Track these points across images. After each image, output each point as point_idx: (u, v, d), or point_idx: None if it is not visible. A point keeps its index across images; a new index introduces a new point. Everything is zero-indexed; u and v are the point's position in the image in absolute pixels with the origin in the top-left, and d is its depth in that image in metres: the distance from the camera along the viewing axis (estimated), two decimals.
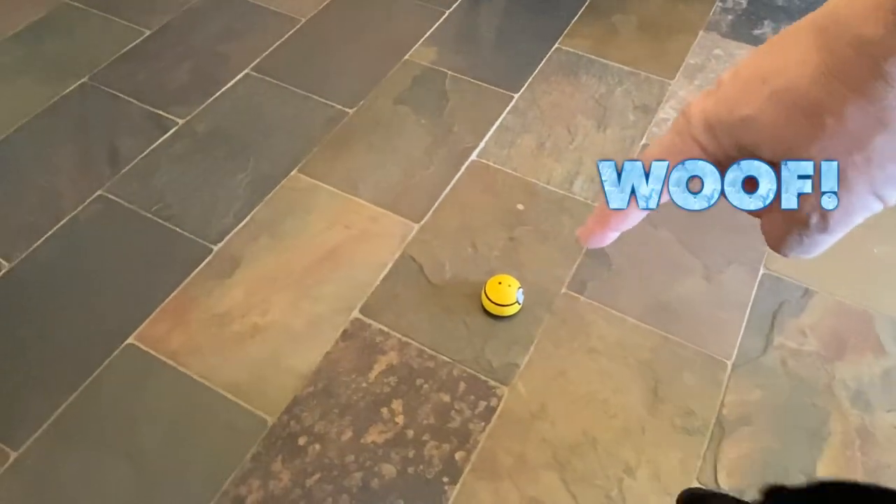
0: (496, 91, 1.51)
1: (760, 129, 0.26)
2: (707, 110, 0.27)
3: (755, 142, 0.26)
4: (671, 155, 0.29)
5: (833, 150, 0.25)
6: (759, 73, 0.26)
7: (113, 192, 1.30)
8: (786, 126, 0.25)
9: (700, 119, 0.28)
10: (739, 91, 0.26)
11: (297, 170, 1.34)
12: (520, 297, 1.13)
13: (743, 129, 0.26)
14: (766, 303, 1.17)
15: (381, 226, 1.26)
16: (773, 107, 0.25)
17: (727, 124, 0.27)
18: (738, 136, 0.27)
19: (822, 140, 0.25)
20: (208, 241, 1.22)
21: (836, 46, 0.23)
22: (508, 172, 1.35)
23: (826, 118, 0.24)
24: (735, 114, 0.26)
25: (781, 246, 0.29)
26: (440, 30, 1.65)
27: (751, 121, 0.26)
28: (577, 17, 1.69)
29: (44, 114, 1.43)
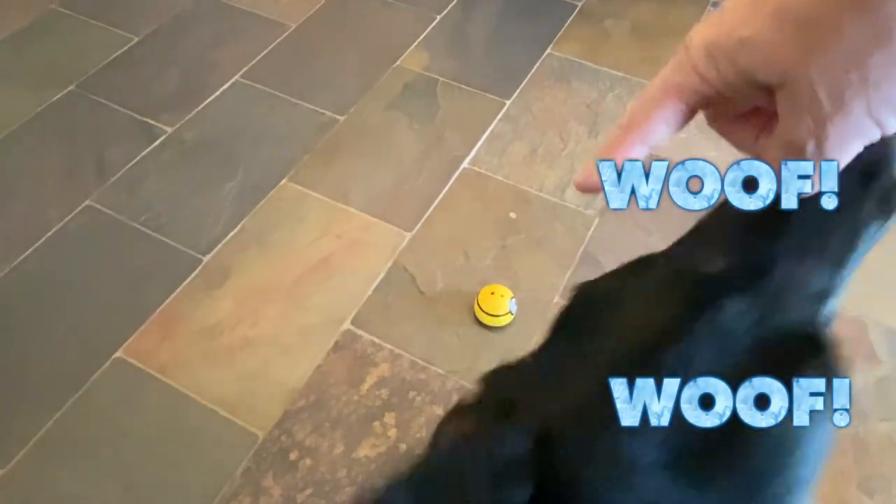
0: (488, 97, 1.50)
1: (759, 49, 0.26)
2: (707, 36, 0.28)
3: (753, 63, 0.26)
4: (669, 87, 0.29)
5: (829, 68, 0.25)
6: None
7: (100, 202, 1.28)
8: (784, 44, 0.25)
9: (700, 46, 0.28)
10: (740, 13, 0.26)
11: (286, 178, 1.33)
12: (513, 308, 1.12)
13: (742, 51, 0.26)
14: None
15: (372, 235, 1.25)
16: (772, 25, 0.25)
17: (726, 48, 0.27)
18: (736, 60, 0.27)
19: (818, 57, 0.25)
20: (197, 252, 1.21)
21: None
22: (500, 180, 1.34)
23: (824, 34, 0.24)
24: (734, 36, 0.26)
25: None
26: (432, 35, 1.64)
27: (749, 41, 0.26)
28: (568, 21, 1.68)
29: (30, 122, 1.41)
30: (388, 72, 1.55)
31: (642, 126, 0.30)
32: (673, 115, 0.30)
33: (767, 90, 0.27)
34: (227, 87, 1.50)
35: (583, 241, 1.25)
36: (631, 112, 0.31)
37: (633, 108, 0.31)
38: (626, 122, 0.31)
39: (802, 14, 0.25)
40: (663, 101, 0.30)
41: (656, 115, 0.30)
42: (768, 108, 0.28)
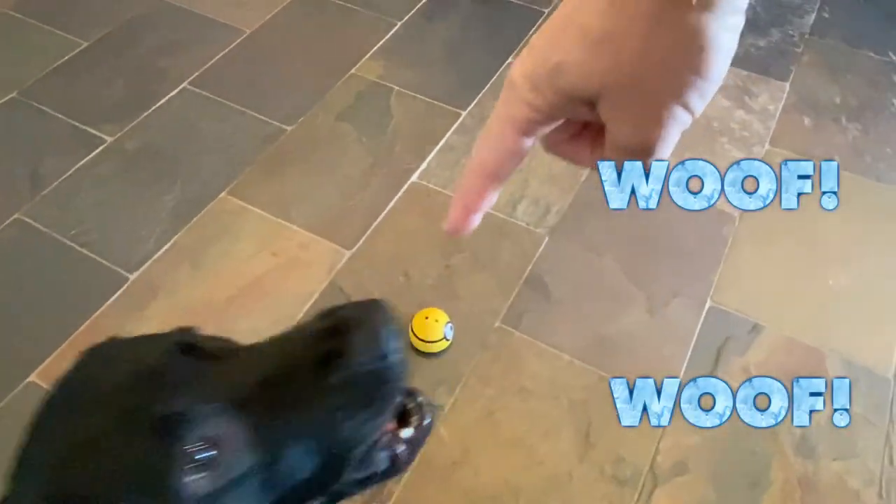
0: (443, 108, 1.45)
1: (572, 70, 0.28)
2: (525, 69, 0.30)
3: (571, 83, 0.29)
4: (505, 124, 0.32)
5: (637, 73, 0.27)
6: (559, 24, 0.29)
7: (31, 215, 1.23)
8: (592, 60, 0.28)
9: (522, 79, 0.30)
10: (547, 43, 0.29)
11: (226, 192, 1.28)
12: (448, 333, 1.06)
13: (558, 75, 0.29)
14: (711, 338, 1.11)
15: (310, 253, 1.20)
16: (578, 47, 0.28)
17: (545, 75, 0.29)
18: (556, 83, 0.29)
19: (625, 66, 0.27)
20: (126, 270, 1.16)
21: None
22: (449, 195, 1.29)
23: (625, 45, 0.27)
24: (549, 63, 0.29)
25: None
26: (390, 43, 1.59)
27: (563, 65, 0.28)
28: (533, 30, 1.63)
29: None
30: (342, 80, 1.49)
31: (492, 166, 0.33)
32: (515, 147, 0.32)
33: (590, 104, 0.29)
34: (174, 95, 1.45)
35: (530, 261, 1.20)
36: (478, 154, 0.33)
37: (478, 149, 0.33)
38: (477, 164, 0.33)
39: (602, 31, 0.27)
40: (505, 136, 0.32)
41: (502, 151, 0.32)
42: (596, 122, 0.30)
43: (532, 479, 0.96)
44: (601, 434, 1.00)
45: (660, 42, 0.27)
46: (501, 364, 1.07)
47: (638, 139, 0.29)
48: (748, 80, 1.52)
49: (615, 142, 0.30)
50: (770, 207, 0.33)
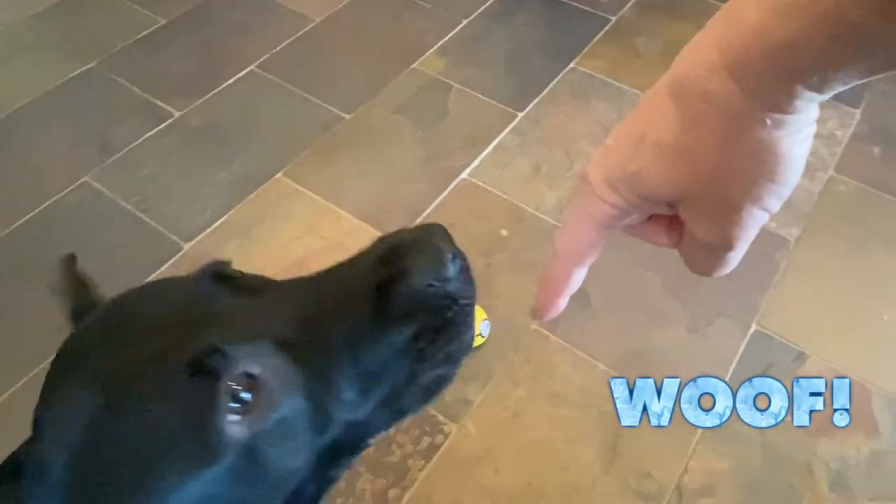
0: (500, 108, 1.45)
1: (650, 179, 0.30)
2: (604, 171, 0.31)
3: (649, 190, 0.30)
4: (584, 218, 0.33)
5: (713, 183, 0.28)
6: (635, 134, 0.30)
7: (98, 179, 1.30)
8: (669, 172, 0.29)
9: (599, 180, 0.31)
10: (623, 152, 0.30)
11: (281, 173, 1.32)
12: (484, 330, 1.07)
13: (636, 182, 0.30)
14: (753, 363, 1.08)
15: (356, 239, 1.22)
16: (655, 159, 0.29)
17: (623, 180, 0.30)
18: (635, 189, 0.30)
19: (701, 177, 0.28)
20: (180, 239, 1.21)
21: (689, 101, 0.28)
22: (497, 195, 1.29)
23: (700, 159, 0.28)
24: (627, 170, 0.30)
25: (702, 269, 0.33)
26: (454, 40, 1.60)
27: (640, 174, 0.30)
28: (598, 36, 1.61)
29: (49, 94, 1.44)
30: (404, 73, 1.51)
31: (574, 254, 0.35)
32: (596, 239, 0.33)
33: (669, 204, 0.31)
34: (242, 76, 1.50)
35: None
36: (560, 245, 0.35)
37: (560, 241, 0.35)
38: (560, 254, 0.35)
39: (677, 147, 0.28)
40: (584, 230, 0.33)
41: (583, 242, 0.34)
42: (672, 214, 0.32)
43: (554, 484, 0.96)
44: (629, 447, 0.99)
45: (734, 157, 0.28)
46: (533, 367, 1.07)
47: (717, 238, 0.30)
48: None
49: (695, 238, 0.31)
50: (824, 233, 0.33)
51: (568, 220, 0.34)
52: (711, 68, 0.27)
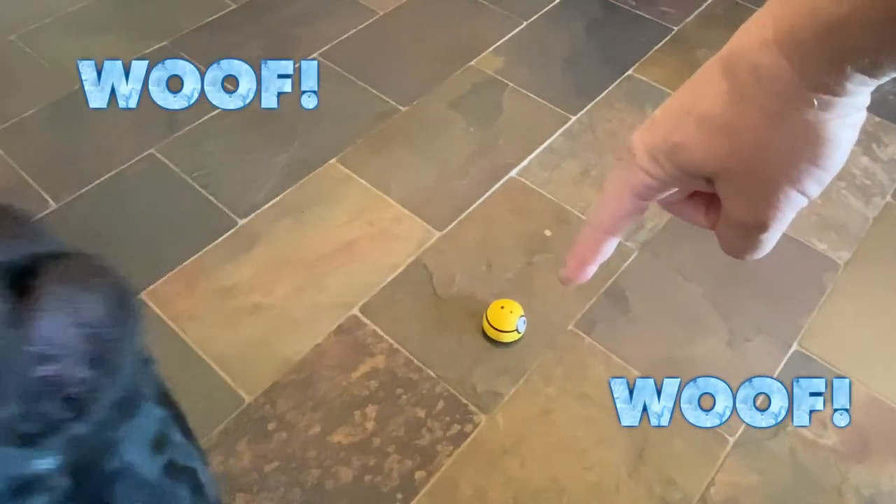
0: (554, 110, 1.46)
1: (691, 151, 0.30)
2: (647, 141, 0.31)
3: (689, 162, 0.30)
4: (622, 187, 0.33)
5: (754, 160, 0.28)
6: (682, 106, 0.30)
7: (163, 152, 1.36)
8: (711, 145, 0.29)
9: (642, 150, 0.31)
10: (669, 123, 0.30)
11: (335, 159, 1.35)
12: (520, 326, 1.08)
13: (677, 153, 0.30)
14: (791, 382, 1.07)
15: (402, 228, 1.25)
16: (698, 132, 0.29)
17: (665, 151, 0.31)
18: (675, 160, 0.30)
19: (743, 153, 0.28)
20: (236, 215, 1.26)
21: (739, 75, 0.28)
22: (544, 195, 1.31)
23: (743, 134, 0.28)
24: (669, 141, 0.30)
25: (734, 249, 0.33)
26: (513, 40, 1.62)
27: (682, 146, 0.30)
28: (658, 45, 1.61)
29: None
30: (460, 70, 1.54)
31: (609, 224, 0.35)
32: (632, 208, 0.34)
33: (707, 180, 0.31)
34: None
35: (614, 272, 1.19)
36: (595, 212, 0.35)
37: (596, 208, 0.35)
38: (595, 220, 0.35)
39: (722, 121, 0.28)
40: (621, 198, 0.33)
41: (618, 211, 0.34)
42: (711, 192, 0.32)
43: (578, 483, 0.97)
44: (656, 453, 0.99)
45: (779, 135, 0.27)
46: (566, 367, 1.08)
47: (752, 217, 0.30)
48: (879, 126, 1.44)
49: (730, 216, 0.31)
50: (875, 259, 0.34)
51: (606, 187, 0.34)
52: (764, 43, 0.26)
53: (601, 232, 0.35)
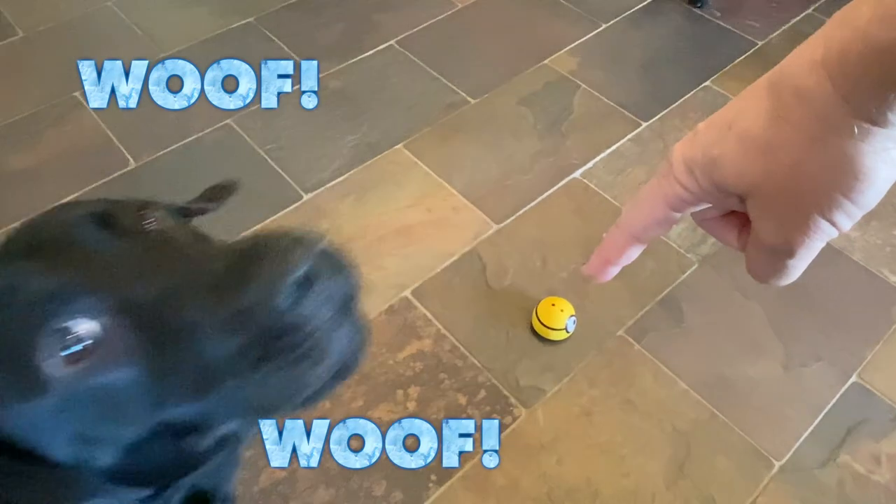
0: (624, 115, 1.44)
1: (728, 167, 0.30)
2: (685, 153, 0.32)
3: (724, 178, 0.30)
4: (656, 195, 0.34)
5: (788, 184, 0.28)
6: (725, 121, 0.30)
7: (239, 123, 1.41)
8: (749, 164, 0.29)
9: (680, 161, 0.32)
10: (711, 136, 0.31)
11: (402, 144, 1.38)
12: (570, 325, 1.08)
13: (714, 168, 0.30)
14: (846, 414, 1.03)
15: (461, 217, 1.26)
16: (737, 148, 0.29)
17: (702, 164, 0.31)
18: (710, 174, 0.31)
19: (778, 175, 0.28)
20: (302, 189, 1.29)
21: (783, 95, 0.28)
22: (606, 199, 1.29)
23: (782, 156, 0.28)
24: (707, 154, 0.30)
25: (760, 273, 0.32)
26: (589, 42, 1.61)
27: (720, 160, 0.30)
28: (738, 59, 1.57)
29: (206, 42, 1.58)
30: (533, 68, 1.54)
31: (638, 229, 0.35)
32: (663, 218, 0.34)
33: (738, 197, 0.31)
34: (381, 49, 1.58)
35: (671, 282, 1.17)
36: (626, 215, 0.36)
37: (628, 212, 0.35)
38: (624, 224, 0.36)
39: (761, 140, 0.28)
40: (654, 206, 0.34)
41: (649, 218, 0.34)
42: (744, 212, 0.32)
43: (613, 488, 0.96)
44: (697, 469, 0.97)
45: (815, 160, 0.27)
46: (613, 371, 1.07)
47: (780, 240, 0.30)
48: None
49: (758, 237, 0.31)
50: None
51: (641, 193, 0.35)
52: (812, 65, 0.26)
53: (628, 235, 0.36)
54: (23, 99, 1.45)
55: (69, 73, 1.50)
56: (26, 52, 1.55)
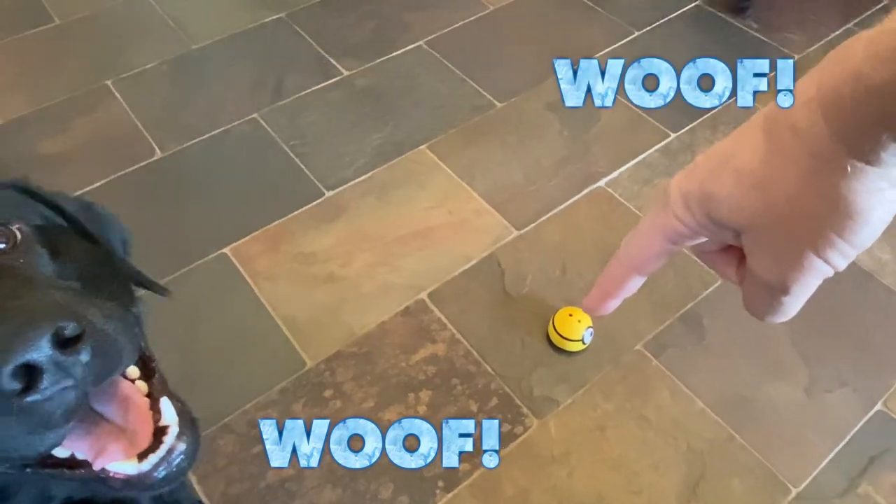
0: (654, 125, 1.42)
1: (724, 202, 0.30)
2: (682, 187, 0.32)
3: (720, 212, 0.30)
4: (654, 228, 0.34)
5: (783, 220, 0.28)
6: (722, 156, 0.30)
7: (265, 118, 1.41)
8: (743, 199, 0.29)
9: (677, 194, 0.32)
10: (707, 170, 0.31)
11: (426, 145, 1.37)
12: (587, 337, 1.06)
13: (710, 202, 0.30)
14: (869, 443, 0.99)
15: (481, 221, 1.25)
16: (733, 184, 0.29)
17: (697, 198, 0.31)
18: (707, 209, 0.31)
19: (773, 211, 0.28)
20: (324, 186, 1.29)
21: (779, 131, 0.28)
22: (630, 209, 1.27)
23: (777, 192, 0.28)
24: (703, 189, 0.30)
25: (755, 308, 0.32)
26: (622, 49, 1.58)
27: (716, 195, 0.30)
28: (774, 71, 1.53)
29: (237, 35, 1.59)
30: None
31: (637, 262, 0.35)
32: (661, 251, 0.34)
33: (734, 232, 0.31)
34: (410, 49, 1.57)
35: (693, 298, 1.15)
36: (625, 248, 0.35)
37: (626, 245, 0.35)
38: (623, 257, 0.36)
39: (756, 177, 0.28)
40: (652, 239, 0.34)
41: (647, 251, 0.34)
42: (739, 246, 0.32)
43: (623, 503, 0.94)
44: (711, 490, 0.95)
45: (809, 198, 0.27)
46: (629, 386, 1.05)
47: (775, 277, 0.30)
48: None
49: (753, 273, 0.31)
50: None
51: (639, 226, 0.35)
52: (807, 101, 0.27)
53: (627, 268, 0.35)
54: (56, 86, 1.47)
55: (102, 61, 1.52)
56: (61, 40, 1.58)
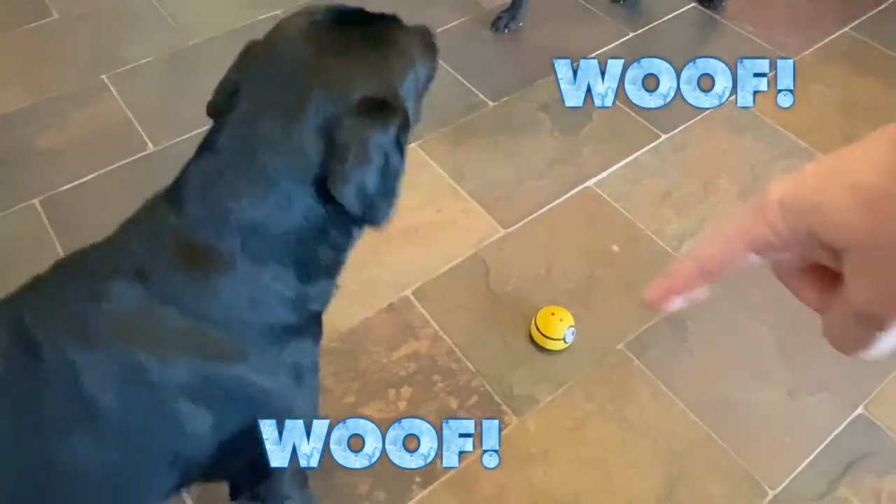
0: (645, 126, 1.42)
1: (830, 216, 0.27)
2: (784, 193, 0.29)
3: (823, 227, 0.28)
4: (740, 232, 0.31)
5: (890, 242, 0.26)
6: (836, 168, 0.28)
7: None
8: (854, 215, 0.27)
9: (776, 199, 0.29)
10: (819, 179, 0.28)
11: (416, 143, 1.37)
12: (568, 336, 1.06)
13: (813, 214, 0.28)
14: (848, 447, 0.99)
15: (469, 220, 1.25)
16: (846, 196, 0.27)
17: (799, 208, 0.28)
18: (807, 220, 0.28)
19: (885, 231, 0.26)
20: None
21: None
22: (618, 210, 1.27)
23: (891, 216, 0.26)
24: (809, 198, 0.28)
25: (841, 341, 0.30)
26: (616, 50, 1.58)
27: (822, 207, 0.28)
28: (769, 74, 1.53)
29: (233, 33, 1.60)
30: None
31: (712, 264, 0.32)
32: (741, 259, 0.31)
33: (833, 251, 0.28)
34: None
35: None
36: (705, 248, 0.33)
37: (706, 244, 0.33)
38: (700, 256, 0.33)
39: (876, 191, 0.26)
40: (735, 245, 0.31)
41: (726, 256, 0.32)
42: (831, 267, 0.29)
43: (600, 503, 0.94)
44: (689, 493, 0.95)
45: None
46: (610, 387, 1.05)
47: (874, 309, 0.27)
48: None
49: (849, 300, 0.28)
50: None
51: (725, 227, 0.32)
52: None
53: (700, 269, 0.33)
54: (53, 80, 1.48)
55: (99, 56, 1.54)
56: (60, 34, 1.59)
